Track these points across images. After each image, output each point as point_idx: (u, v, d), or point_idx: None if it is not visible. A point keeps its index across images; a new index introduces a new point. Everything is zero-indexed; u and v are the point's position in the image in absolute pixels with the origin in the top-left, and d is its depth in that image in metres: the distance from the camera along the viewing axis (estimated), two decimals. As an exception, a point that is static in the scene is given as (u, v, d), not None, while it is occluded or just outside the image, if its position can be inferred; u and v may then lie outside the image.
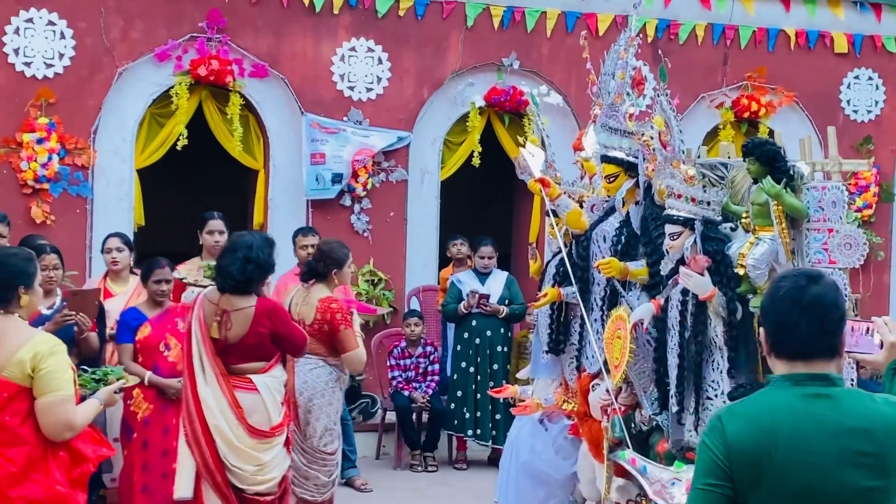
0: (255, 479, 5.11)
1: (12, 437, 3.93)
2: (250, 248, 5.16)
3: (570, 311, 5.52)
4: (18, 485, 3.92)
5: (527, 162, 5.57)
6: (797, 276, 2.58)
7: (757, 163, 4.46)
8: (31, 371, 3.92)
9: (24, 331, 4.04)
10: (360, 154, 9.27)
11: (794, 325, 2.52)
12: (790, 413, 2.50)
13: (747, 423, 2.52)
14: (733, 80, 10.25)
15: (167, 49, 8.85)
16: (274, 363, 5.24)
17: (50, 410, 3.94)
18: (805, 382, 2.52)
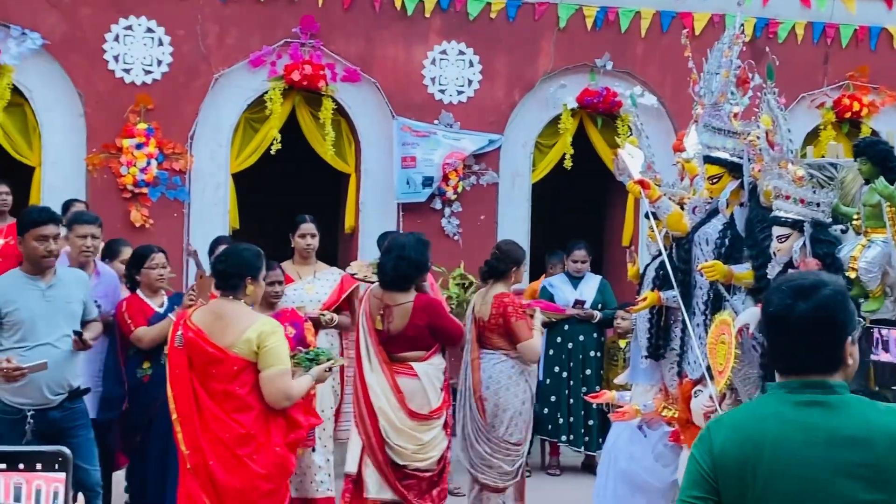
0: (415, 457, 5.65)
1: (241, 405, 4.61)
2: (403, 248, 5.72)
3: (671, 315, 5.40)
4: (245, 445, 4.60)
5: (626, 163, 5.46)
6: (785, 292, 2.40)
7: (869, 163, 4.32)
8: (256, 348, 4.59)
9: (250, 315, 4.74)
10: (450, 157, 9.25)
11: (784, 344, 2.41)
12: (777, 421, 2.37)
13: (733, 433, 2.40)
14: (834, 80, 9.99)
15: (261, 55, 8.95)
16: (433, 352, 5.76)
17: (272, 381, 4.60)
18: (799, 390, 2.39)
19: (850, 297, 2.44)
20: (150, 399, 5.84)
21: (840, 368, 2.40)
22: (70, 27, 8.71)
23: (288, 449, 4.75)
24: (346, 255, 9.62)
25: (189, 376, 4.69)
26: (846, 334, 2.40)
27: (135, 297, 6.00)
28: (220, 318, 4.70)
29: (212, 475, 4.64)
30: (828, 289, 2.40)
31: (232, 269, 4.77)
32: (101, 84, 8.76)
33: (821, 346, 2.37)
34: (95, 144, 8.72)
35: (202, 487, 4.65)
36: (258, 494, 4.65)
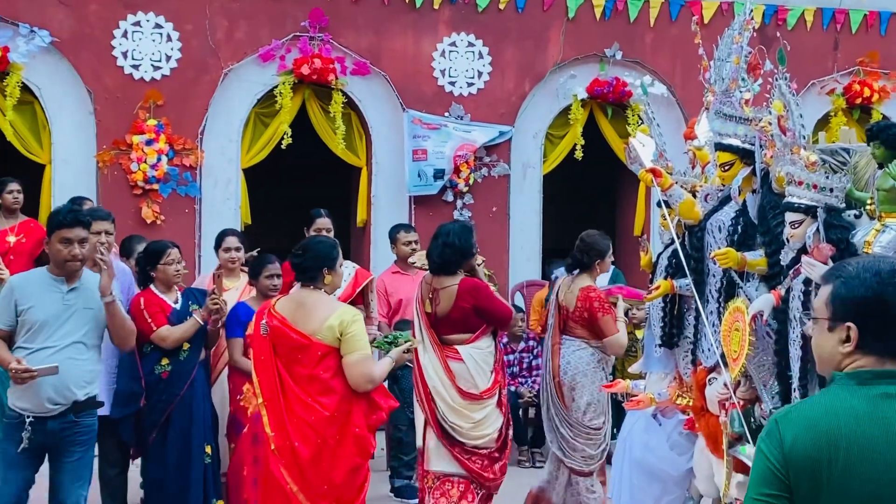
0: (471, 434, 5.83)
1: (325, 388, 4.86)
2: (448, 235, 5.96)
3: (684, 303, 5.38)
4: (329, 426, 4.85)
5: (637, 152, 5.44)
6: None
7: (882, 147, 4.28)
8: (338, 335, 4.84)
9: (330, 303, 5.01)
10: (461, 149, 9.24)
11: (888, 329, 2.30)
12: (853, 416, 2.26)
13: (806, 429, 2.29)
14: (844, 66, 9.95)
15: (271, 49, 8.96)
16: (479, 335, 5.89)
17: (356, 366, 4.85)
18: (871, 381, 2.29)
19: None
20: (169, 396, 5.85)
21: None
22: (78, 24, 8.72)
23: (368, 430, 4.99)
24: (359, 248, 9.63)
25: (274, 362, 4.95)
26: None
27: (150, 293, 6.00)
28: (303, 306, 4.95)
29: (297, 455, 4.88)
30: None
31: (310, 261, 5.00)
32: (111, 80, 8.77)
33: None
34: (106, 141, 8.74)
35: (286, 467, 4.90)
36: (340, 474, 4.89)
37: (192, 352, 5.95)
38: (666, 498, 5.52)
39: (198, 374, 5.95)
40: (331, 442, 4.87)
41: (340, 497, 4.92)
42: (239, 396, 6.04)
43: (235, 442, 6.07)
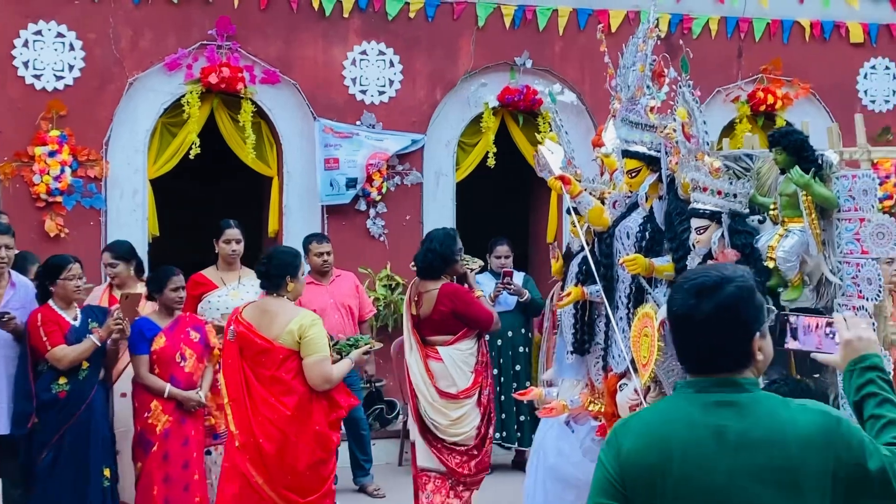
0: (449, 431, 6.13)
1: (287, 389, 5.29)
2: (431, 241, 6.36)
3: (595, 310, 5.42)
4: (291, 424, 5.26)
5: (546, 159, 5.48)
6: (688, 291, 2.32)
7: (784, 152, 4.35)
8: (298, 338, 5.28)
9: (291, 309, 5.43)
10: (373, 158, 9.19)
11: (690, 345, 2.33)
12: (687, 425, 2.28)
13: (641, 437, 2.31)
14: (748, 74, 10.14)
15: (177, 58, 8.80)
16: (460, 337, 6.20)
17: (314, 367, 5.29)
18: (708, 389, 2.30)
19: (756, 291, 2.35)
20: (65, 416, 5.68)
21: (750, 365, 2.32)
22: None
23: (329, 427, 5.40)
24: (270, 259, 9.51)
25: (240, 365, 5.37)
26: (754, 330, 2.32)
27: (48, 310, 5.82)
28: (266, 313, 5.39)
29: (261, 451, 5.27)
30: (732, 286, 2.31)
31: (274, 269, 5.42)
32: (12, 91, 8.52)
33: (728, 345, 2.29)
34: (7, 153, 8.48)
35: (251, 462, 5.30)
36: (303, 467, 5.31)
37: (92, 371, 5.80)
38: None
39: (97, 395, 5.80)
40: (293, 438, 5.28)
41: (304, 487, 5.34)
42: (147, 414, 5.92)
43: (143, 461, 5.93)
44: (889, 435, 2.35)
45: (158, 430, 5.92)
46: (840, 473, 2.24)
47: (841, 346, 2.51)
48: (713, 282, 2.30)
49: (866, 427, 2.40)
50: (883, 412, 2.38)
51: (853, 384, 2.46)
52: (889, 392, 2.42)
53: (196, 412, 6.03)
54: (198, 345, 6.08)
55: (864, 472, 2.25)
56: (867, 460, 2.25)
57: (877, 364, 2.46)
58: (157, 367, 5.98)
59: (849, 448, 2.25)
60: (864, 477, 2.25)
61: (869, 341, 2.49)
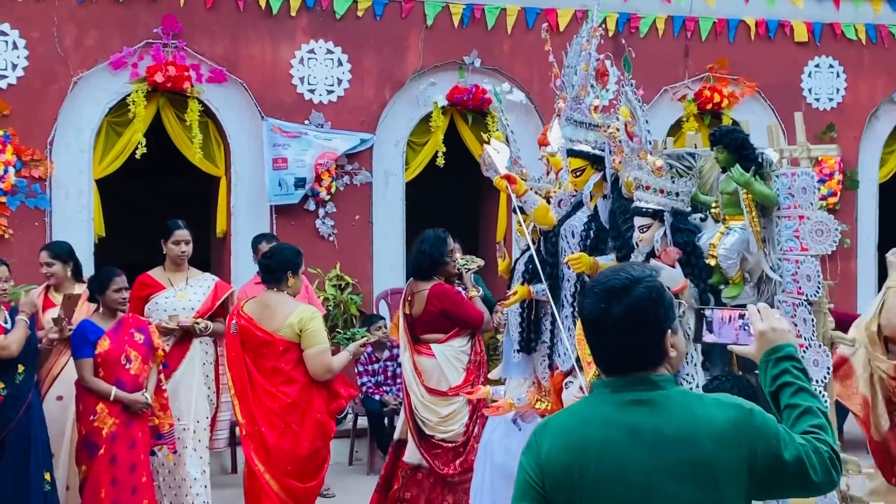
0: (438, 429, 6.25)
1: (287, 379, 5.55)
2: (422, 242, 6.48)
3: (541, 308, 5.43)
4: (291, 413, 5.52)
5: (492, 159, 5.47)
6: (598, 295, 2.32)
7: (725, 151, 4.39)
8: (298, 331, 5.54)
9: (291, 303, 5.68)
10: (322, 158, 9.16)
11: (603, 347, 2.35)
12: (603, 424, 2.29)
13: (559, 439, 2.32)
14: (695, 73, 10.24)
15: (122, 56, 8.71)
16: (453, 335, 6.33)
17: (315, 358, 5.56)
18: (623, 388, 2.31)
19: (665, 290, 2.35)
20: (4, 421, 5.59)
21: (663, 362, 2.34)
22: (-84, 31, 8.31)
23: (329, 416, 5.66)
24: (219, 259, 9.45)
25: (243, 358, 5.61)
26: (664, 330, 2.32)
27: (-26, 313, 5.74)
28: (267, 307, 5.64)
29: (264, 439, 5.54)
30: (640, 287, 2.31)
31: (276, 264, 5.68)
32: (-47, 90, 8.39)
33: (640, 345, 2.31)
34: (-52, 153, 8.35)
35: (255, 450, 5.56)
36: (303, 454, 5.56)
37: (28, 374, 5.72)
38: (527, 501, 5.55)
39: (34, 398, 5.73)
40: (294, 427, 5.54)
41: (302, 474, 5.59)
42: (92, 417, 5.85)
43: (88, 464, 5.86)
44: (806, 424, 2.37)
45: (105, 434, 5.85)
46: (756, 465, 2.25)
47: (755, 337, 2.52)
48: (622, 284, 2.31)
49: (783, 416, 2.41)
50: (798, 401, 2.40)
51: (769, 375, 2.46)
52: (804, 381, 2.44)
53: (142, 414, 5.97)
54: (142, 346, 6.02)
55: (780, 463, 2.27)
56: (782, 451, 2.27)
57: (791, 354, 2.47)
58: (103, 370, 5.90)
59: (763, 440, 2.27)
60: (780, 467, 2.27)
61: (782, 331, 2.50)
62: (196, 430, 6.62)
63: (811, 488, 2.35)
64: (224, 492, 7.43)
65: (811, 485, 2.32)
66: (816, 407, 2.42)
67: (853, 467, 4.45)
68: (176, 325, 6.59)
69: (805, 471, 2.29)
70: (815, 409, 2.41)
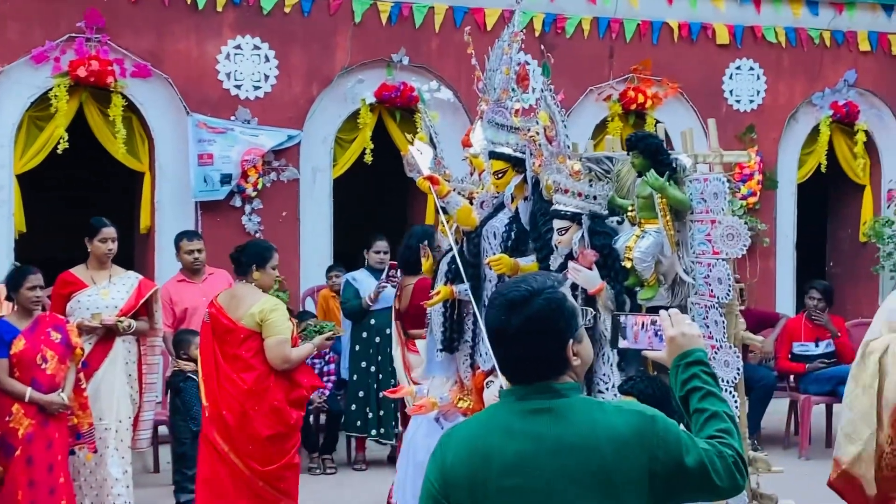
0: None
1: (246, 366, 5.84)
2: (410, 237, 6.77)
3: (464, 308, 5.50)
4: (249, 398, 5.82)
5: (415, 159, 5.51)
6: (499, 307, 2.36)
7: (641, 156, 4.49)
8: (259, 321, 5.83)
9: (256, 295, 5.95)
10: (249, 154, 9.12)
11: (505, 357, 2.39)
12: (505, 433, 2.31)
13: (462, 449, 2.34)
14: (620, 73, 10.38)
15: (44, 50, 8.58)
16: None
17: (272, 348, 5.83)
18: (526, 397, 2.33)
19: (566, 300, 2.38)
20: None
21: (566, 370, 2.36)
22: None
23: (290, 405, 5.92)
24: (143, 256, 9.36)
25: (212, 344, 5.91)
26: (566, 339, 2.35)
27: None
28: (234, 297, 5.99)
29: (225, 422, 5.83)
30: (540, 299, 2.32)
31: (244, 257, 6.00)
32: None
33: (542, 355, 2.33)
34: None
35: (218, 431, 5.84)
36: (262, 437, 5.82)
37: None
38: (449, 499, 5.61)
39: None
40: (251, 412, 5.81)
41: (264, 457, 5.85)
42: (8, 418, 5.78)
43: (5, 466, 5.79)
44: (712, 428, 2.41)
45: (21, 435, 5.78)
46: (657, 471, 2.28)
47: (666, 342, 2.57)
48: (521, 297, 2.34)
49: (692, 421, 2.46)
50: (706, 406, 2.44)
51: (679, 379, 2.51)
52: (713, 385, 2.48)
53: (59, 414, 5.91)
54: (59, 345, 5.95)
55: (682, 469, 2.30)
56: (684, 457, 2.30)
57: (700, 359, 2.51)
58: (18, 370, 5.83)
59: (664, 446, 2.29)
60: (682, 473, 2.30)
61: (692, 337, 2.54)
62: (118, 429, 6.57)
63: (715, 493, 2.38)
64: (147, 491, 7.38)
65: (715, 489, 2.35)
66: (723, 411, 2.45)
67: (763, 466, 4.59)
68: (99, 323, 6.52)
69: (708, 476, 2.32)
70: (722, 413, 2.44)
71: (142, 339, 6.88)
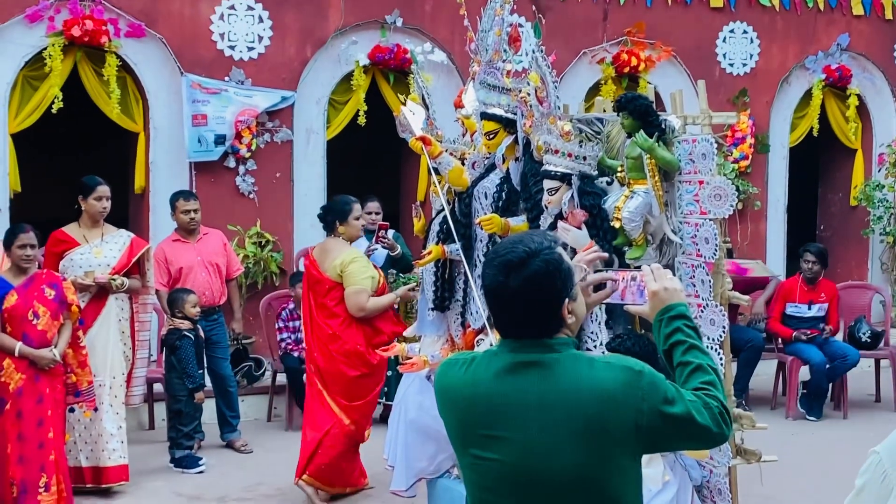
0: None
1: (330, 313, 6.43)
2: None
3: (455, 268, 5.56)
4: (333, 342, 6.40)
5: (407, 120, 5.56)
6: (497, 267, 2.39)
7: (630, 117, 4.52)
8: (339, 272, 6.38)
9: (340, 248, 6.50)
10: (242, 115, 9.14)
11: (502, 316, 2.43)
12: (494, 384, 2.38)
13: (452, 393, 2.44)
14: (613, 36, 10.39)
15: (39, 10, 8.56)
16: None
17: (349, 297, 6.39)
18: (518, 350, 2.38)
19: (562, 260, 2.41)
20: None
21: (561, 328, 2.40)
22: None
23: (370, 346, 6.36)
24: (137, 216, 9.40)
25: (307, 294, 6.55)
26: (561, 300, 2.38)
27: None
28: (324, 250, 6.56)
29: (316, 363, 6.44)
30: (538, 260, 2.36)
31: (327, 215, 6.63)
32: None
33: (537, 315, 2.37)
34: None
35: (314, 373, 6.46)
36: (347, 377, 6.38)
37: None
38: (440, 456, 5.70)
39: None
40: (335, 354, 6.37)
41: (349, 394, 6.39)
42: (-2, 372, 5.85)
43: (-6, 419, 5.87)
44: (697, 381, 2.45)
45: (11, 389, 5.86)
46: (643, 424, 2.32)
47: (648, 297, 2.61)
48: (518, 258, 2.37)
49: (675, 374, 2.51)
50: (689, 359, 2.49)
51: (662, 333, 2.55)
52: (695, 339, 2.53)
53: (52, 370, 5.98)
54: (52, 302, 6.01)
55: (669, 420, 2.34)
56: (670, 408, 2.34)
57: (682, 312, 2.55)
58: (9, 325, 5.90)
59: (650, 399, 2.33)
60: (669, 424, 2.35)
61: (674, 291, 2.58)
62: (112, 385, 6.66)
63: (702, 441, 2.45)
64: (141, 447, 7.47)
65: (703, 439, 2.41)
66: (707, 364, 2.49)
67: (748, 422, 4.66)
68: (92, 281, 6.59)
69: (696, 426, 2.36)
70: (706, 366, 2.48)
71: (134, 297, 6.95)
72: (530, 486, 2.33)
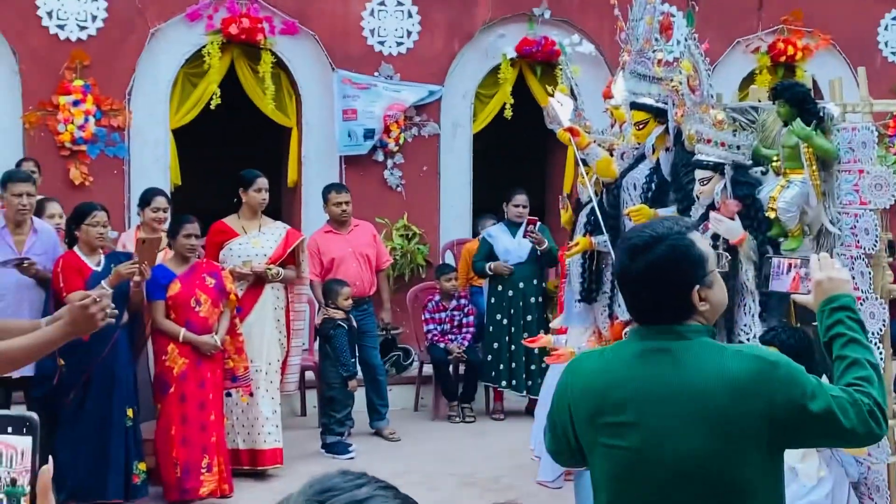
0: None
1: None
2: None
3: (602, 259, 5.53)
4: None
5: (556, 111, 5.55)
6: (623, 251, 2.40)
7: (787, 105, 4.42)
8: None
9: None
10: (391, 109, 9.28)
11: (631, 299, 2.42)
12: (625, 370, 2.36)
13: (585, 381, 2.43)
14: (769, 25, 10.11)
15: (198, 8, 8.88)
16: None
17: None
18: (649, 337, 2.37)
19: (692, 246, 2.37)
20: (89, 358, 5.83)
21: (691, 315, 2.36)
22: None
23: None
24: (290, 209, 9.66)
25: None
26: (690, 285, 2.34)
27: (72, 255, 5.99)
28: None
29: None
30: (663, 245, 2.34)
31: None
32: (36, 41, 8.64)
33: (664, 300, 2.35)
34: (31, 102, 8.62)
35: None
36: None
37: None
38: (586, 448, 5.68)
39: (120, 337, 5.96)
40: None
41: None
42: (164, 357, 6.11)
43: (161, 402, 6.13)
44: (851, 375, 2.38)
45: (175, 373, 6.11)
46: (777, 416, 2.26)
47: (813, 286, 2.53)
48: (643, 242, 2.35)
49: (833, 367, 2.44)
50: (847, 353, 2.42)
51: (824, 324, 2.48)
52: (857, 332, 2.45)
53: (213, 355, 6.21)
54: (213, 290, 6.24)
55: (806, 414, 2.27)
56: (808, 402, 2.27)
57: (846, 304, 2.48)
58: (174, 312, 6.15)
59: (785, 391, 2.27)
60: (807, 418, 2.27)
61: (840, 281, 2.51)
62: (268, 371, 6.87)
63: (846, 439, 2.38)
64: (294, 433, 7.67)
65: (845, 436, 2.33)
66: (865, 359, 2.41)
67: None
68: (249, 270, 6.81)
69: (837, 422, 2.27)
70: (864, 360, 2.40)
71: (289, 287, 7.14)
72: (658, 474, 2.31)
